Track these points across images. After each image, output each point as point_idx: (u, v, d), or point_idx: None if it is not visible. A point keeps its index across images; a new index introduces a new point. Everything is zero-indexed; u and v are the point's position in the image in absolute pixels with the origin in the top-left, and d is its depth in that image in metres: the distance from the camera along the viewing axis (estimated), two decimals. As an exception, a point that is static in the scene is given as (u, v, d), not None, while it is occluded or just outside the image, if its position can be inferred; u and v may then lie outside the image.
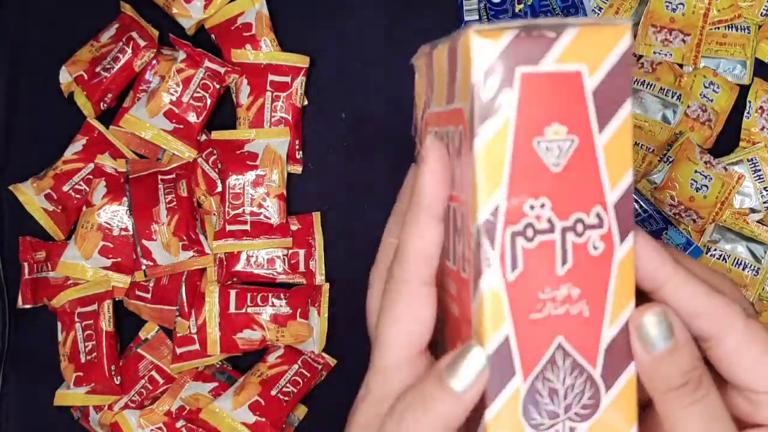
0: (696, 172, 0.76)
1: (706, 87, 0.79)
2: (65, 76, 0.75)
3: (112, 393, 0.71)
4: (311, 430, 0.74)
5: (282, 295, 0.72)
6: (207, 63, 0.72)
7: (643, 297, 0.32)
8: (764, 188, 0.77)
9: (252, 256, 0.73)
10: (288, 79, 0.74)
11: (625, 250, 0.30)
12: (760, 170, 0.77)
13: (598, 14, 0.79)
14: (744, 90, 0.80)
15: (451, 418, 0.30)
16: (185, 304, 0.71)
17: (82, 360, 0.70)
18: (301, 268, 0.74)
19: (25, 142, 0.77)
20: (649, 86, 0.77)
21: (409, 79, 0.79)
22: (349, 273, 0.71)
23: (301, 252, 0.74)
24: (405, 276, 0.32)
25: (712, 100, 0.79)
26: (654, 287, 0.32)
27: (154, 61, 0.74)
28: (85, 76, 0.74)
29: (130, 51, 0.73)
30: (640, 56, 0.79)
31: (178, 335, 0.72)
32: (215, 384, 0.72)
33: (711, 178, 0.76)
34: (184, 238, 0.71)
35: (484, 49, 0.28)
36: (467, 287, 0.31)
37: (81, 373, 0.70)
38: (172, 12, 0.74)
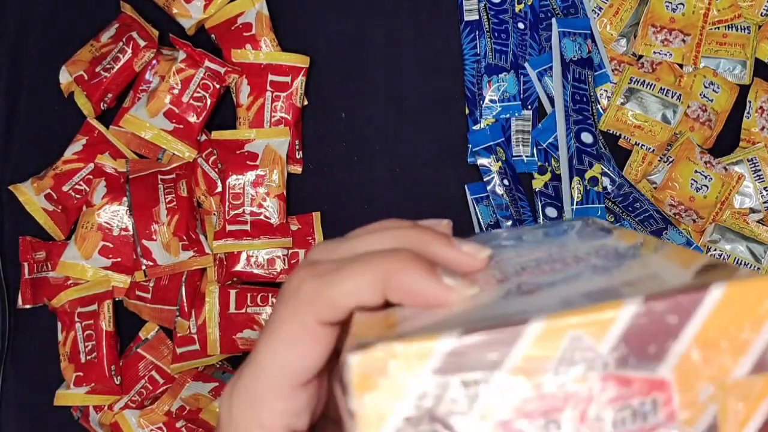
0: (696, 172, 0.76)
1: (706, 87, 0.78)
2: (65, 76, 0.75)
3: (112, 393, 0.71)
4: None
5: (282, 295, 0.72)
6: (207, 63, 0.72)
7: None
8: (764, 188, 0.77)
9: (252, 256, 0.73)
10: (288, 79, 0.74)
11: None
12: (760, 170, 0.77)
13: (598, 14, 0.79)
14: (744, 90, 0.79)
15: None
16: (185, 304, 0.71)
17: (82, 360, 0.70)
18: (301, 268, 0.74)
19: (25, 142, 0.77)
20: (649, 86, 0.77)
21: (409, 79, 0.79)
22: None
23: (301, 252, 0.74)
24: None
25: (712, 100, 0.78)
26: None
27: (154, 61, 0.74)
28: (85, 76, 0.74)
29: (130, 51, 0.73)
30: (640, 56, 0.79)
31: (178, 335, 0.72)
32: (215, 384, 0.72)
33: (711, 178, 0.76)
34: (184, 238, 0.71)
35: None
36: None
37: (81, 373, 0.70)
38: (172, 12, 0.74)
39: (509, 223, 0.74)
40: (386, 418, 0.22)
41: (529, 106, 0.78)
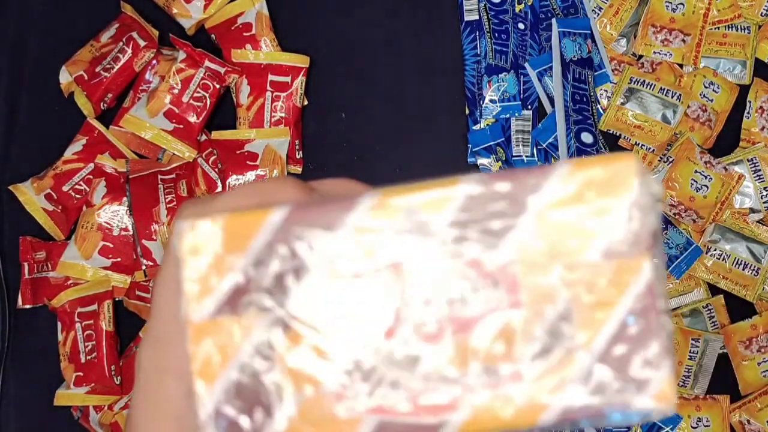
0: (696, 172, 0.76)
1: (706, 87, 0.78)
2: (65, 76, 0.75)
3: (112, 393, 0.71)
4: None
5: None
6: (207, 63, 0.72)
7: None
8: (764, 188, 0.77)
9: (252, 256, 0.73)
10: (288, 79, 0.74)
11: None
12: (760, 170, 0.77)
13: (598, 14, 0.79)
14: (744, 90, 0.79)
15: None
16: (185, 304, 0.71)
17: (82, 360, 0.70)
18: (301, 268, 0.74)
19: (25, 142, 0.77)
20: (649, 86, 0.77)
21: (409, 79, 0.79)
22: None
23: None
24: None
25: (712, 100, 0.78)
26: None
27: (154, 61, 0.74)
28: (85, 76, 0.74)
29: (130, 51, 0.73)
30: (640, 56, 0.79)
31: (178, 335, 0.72)
32: (215, 384, 0.72)
33: (711, 178, 0.76)
34: (184, 238, 0.71)
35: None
36: None
37: (81, 373, 0.70)
38: (172, 12, 0.74)
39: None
40: (213, 288, 0.22)
41: (529, 106, 0.78)
